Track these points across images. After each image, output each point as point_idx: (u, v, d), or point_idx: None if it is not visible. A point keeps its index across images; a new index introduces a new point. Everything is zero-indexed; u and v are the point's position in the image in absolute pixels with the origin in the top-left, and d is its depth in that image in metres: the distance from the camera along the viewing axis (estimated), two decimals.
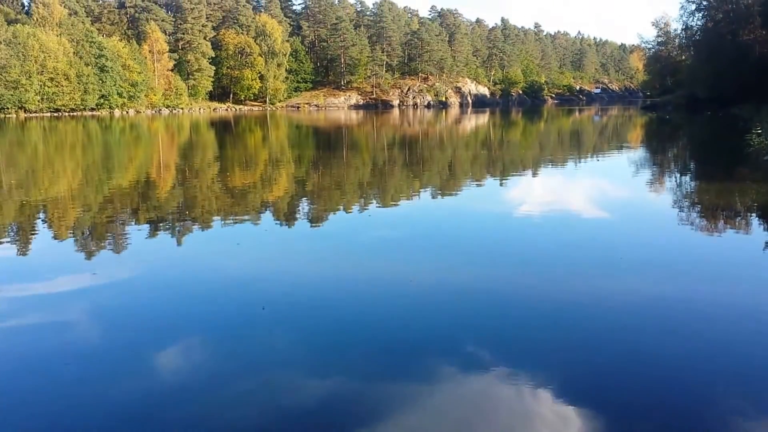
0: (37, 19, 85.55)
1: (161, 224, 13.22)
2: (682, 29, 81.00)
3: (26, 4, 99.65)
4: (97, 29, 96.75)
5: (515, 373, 5.82)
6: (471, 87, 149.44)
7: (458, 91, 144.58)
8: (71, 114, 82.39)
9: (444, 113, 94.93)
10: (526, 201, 15.85)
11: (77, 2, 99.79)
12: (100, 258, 10.43)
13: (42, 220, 13.98)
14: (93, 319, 7.49)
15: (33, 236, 12.30)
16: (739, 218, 13.57)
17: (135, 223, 13.36)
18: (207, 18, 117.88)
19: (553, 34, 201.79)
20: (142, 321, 7.37)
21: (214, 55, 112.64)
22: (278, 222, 13.65)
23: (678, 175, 22.60)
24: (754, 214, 13.97)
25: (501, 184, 19.69)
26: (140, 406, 5.34)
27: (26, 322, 7.41)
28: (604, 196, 17.20)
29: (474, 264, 9.71)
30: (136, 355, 6.39)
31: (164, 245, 11.47)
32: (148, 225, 13.10)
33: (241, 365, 6.11)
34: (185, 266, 9.93)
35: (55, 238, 12.10)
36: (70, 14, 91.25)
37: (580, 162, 26.55)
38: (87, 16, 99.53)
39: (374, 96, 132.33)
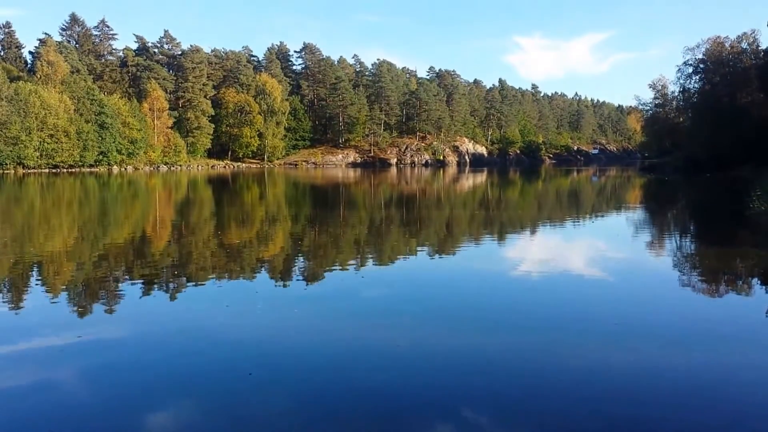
0: (40, 77, 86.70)
1: (152, 284, 12.90)
2: (680, 92, 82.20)
3: (30, 62, 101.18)
4: (99, 87, 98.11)
5: None
6: (469, 146, 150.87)
7: (456, 150, 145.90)
8: (69, 170, 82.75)
9: (441, 172, 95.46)
10: (522, 263, 15.57)
11: (80, 60, 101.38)
12: (87, 317, 10.22)
13: (34, 278, 13.71)
14: (77, 380, 7.28)
15: (24, 294, 12.02)
16: (741, 283, 13.27)
17: (126, 282, 13.11)
18: (208, 77, 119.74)
19: (550, 95, 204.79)
20: (126, 384, 7.10)
21: (213, 113, 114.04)
22: (270, 283, 13.35)
23: (677, 238, 22.31)
24: (755, 280, 13.67)
25: (498, 245, 19.42)
26: None
27: (10, 383, 7.21)
28: (601, 258, 16.89)
29: (467, 328, 9.43)
30: (117, 419, 6.14)
31: (152, 306, 11.14)
32: (138, 284, 12.81)
33: None
34: (172, 328, 9.61)
35: (45, 295, 11.81)
36: (72, 72, 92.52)
37: (578, 223, 26.34)
38: (89, 74, 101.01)
39: (372, 154, 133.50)
